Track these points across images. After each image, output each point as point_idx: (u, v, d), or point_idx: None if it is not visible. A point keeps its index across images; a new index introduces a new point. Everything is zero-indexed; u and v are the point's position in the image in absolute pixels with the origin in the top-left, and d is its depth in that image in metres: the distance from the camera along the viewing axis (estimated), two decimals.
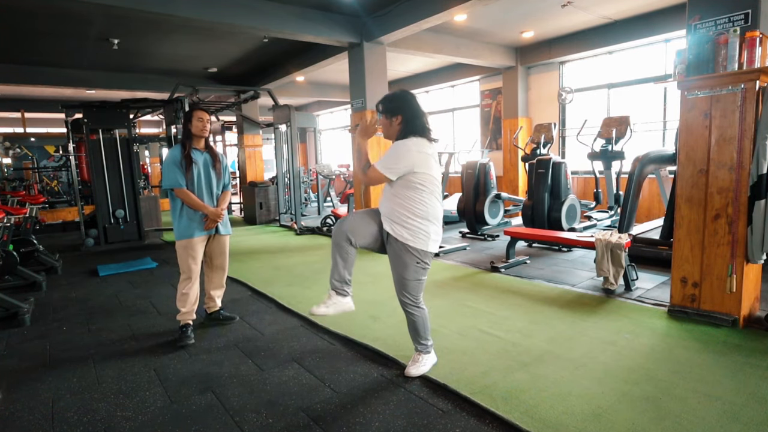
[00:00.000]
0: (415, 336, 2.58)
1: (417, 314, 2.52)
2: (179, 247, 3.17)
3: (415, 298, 2.50)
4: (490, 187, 6.63)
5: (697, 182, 3.15)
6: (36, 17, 5.80)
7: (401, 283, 2.47)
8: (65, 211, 10.07)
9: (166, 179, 3.10)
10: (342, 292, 2.49)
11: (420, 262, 2.43)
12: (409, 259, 2.41)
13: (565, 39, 7.83)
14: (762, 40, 2.89)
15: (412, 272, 2.43)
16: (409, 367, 2.58)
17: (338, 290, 2.49)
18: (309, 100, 14.10)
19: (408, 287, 2.46)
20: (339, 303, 2.49)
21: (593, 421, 2.07)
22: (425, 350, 2.61)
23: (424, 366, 2.59)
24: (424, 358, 2.60)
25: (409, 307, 2.51)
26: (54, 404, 2.44)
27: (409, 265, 2.42)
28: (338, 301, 2.49)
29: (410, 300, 2.49)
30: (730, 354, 2.68)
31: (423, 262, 2.45)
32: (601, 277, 3.92)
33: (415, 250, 2.40)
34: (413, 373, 2.55)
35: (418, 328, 2.55)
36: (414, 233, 2.39)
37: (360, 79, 6.45)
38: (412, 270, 2.43)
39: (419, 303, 2.52)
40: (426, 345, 2.61)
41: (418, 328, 2.55)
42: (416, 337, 2.58)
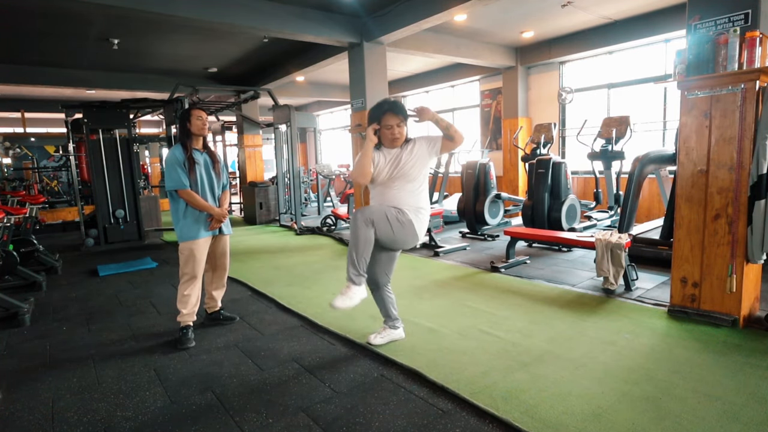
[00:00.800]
0: (393, 313, 2.99)
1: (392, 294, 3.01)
2: (184, 249, 3.16)
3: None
4: (490, 187, 6.63)
5: (697, 182, 3.15)
6: (36, 17, 5.81)
7: (392, 265, 2.93)
8: (65, 211, 10.07)
9: (170, 180, 3.08)
10: (357, 281, 2.66)
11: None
12: (413, 240, 2.76)
13: (565, 39, 7.83)
14: (762, 40, 2.89)
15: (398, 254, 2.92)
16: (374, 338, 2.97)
17: (354, 280, 2.64)
18: (309, 100, 14.10)
19: (393, 269, 2.95)
20: (357, 292, 2.65)
21: (593, 421, 2.07)
22: (394, 326, 3.00)
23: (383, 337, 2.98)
24: (390, 333, 3.00)
25: (390, 287, 2.97)
26: (54, 404, 2.44)
27: (409, 244, 2.78)
28: (356, 291, 2.65)
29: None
30: (730, 354, 2.68)
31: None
32: (601, 277, 3.92)
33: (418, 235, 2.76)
34: (375, 342, 2.93)
35: (396, 306, 3.01)
36: (423, 220, 2.76)
37: (360, 79, 6.45)
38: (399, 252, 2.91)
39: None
40: (397, 320, 3.02)
41: (396, 305, 3.01)
42: (393, 314, 2.99)
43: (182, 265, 3.19)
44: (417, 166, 2.67)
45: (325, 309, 3.72)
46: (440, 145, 2.68)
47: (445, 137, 2.66)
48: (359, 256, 2.61)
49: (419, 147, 2.69)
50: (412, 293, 4.04)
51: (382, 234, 2.63)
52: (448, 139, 2.65)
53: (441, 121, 2.62)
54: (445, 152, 2.78)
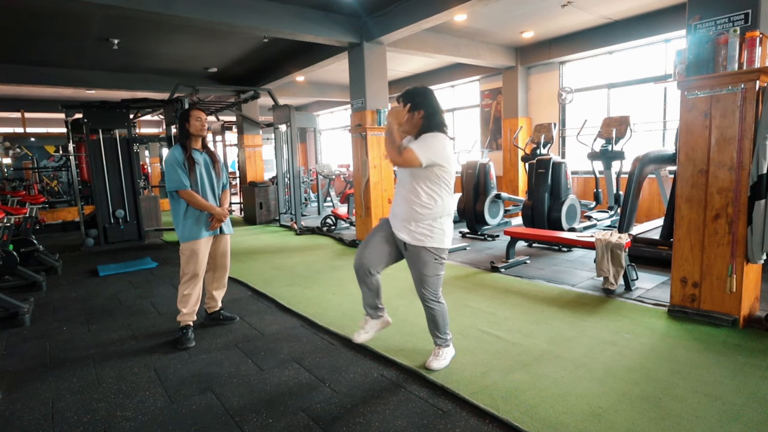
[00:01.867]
0: (435, 329, 2.68)
1: (437, 308, 2.62)
2: (186, 249, 3.16)
3: (435, 293, 2.59)
4: (490, 187, 6.63)
5: (697, 182, 3.15)
6: (36, 17, 5.80)
7: (421, 279, 2.56)
8: (65, 211, 10.07)
9: (170, 181, 3.08)
10: (375, 315, 2.73)
11: (437, 258, 2.53)
12: (428, 256, 2.51)
13: (565, 39, 7.83)
14: (762, 40, 2.89)
15: (431, 269, 2.53)
16: (431, 361, 2.65)
17: (372, 316, 2.72)
18: (309, 100, 14.09)
19: (428, 283, 2.56)
20: (375, 324, 2.74)
21: (593, 421, 2.07)
22: (444, 344, 2.70)
23: (444, 360, 2.66)
24: (443, 352, 2.69)
25: (430, 302, 2.60)
26: (54, 404, 2.44)
27: (428, 262, 2.52)
28: (374, 324, 2.73)
29: (430, 295, 2.58)
30: (730, 354, 2.68)
31: (440, 258, 2.55)
32: (601, 277, 3.92)
33: (433, 248, 2.50)
34: (435, 367, 2.61)
35: (438, 322, 2.64)
36: (431, 232, 2.48)
37: (360, 79, 6.44)
38: (431, 267, 2.53)
39: (439, 297, 2.62)
40: (445, 339, 2.70)
41: (437, 321, 2.64)
42: (435, 331, 2.68)
43: (183, 264, 3.19)
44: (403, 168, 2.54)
45: (325, 309, 3.72)
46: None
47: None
48: (372, 299, 2.69)
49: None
50: (412, 293, 4.02)
51: (385, 258, 2.63)
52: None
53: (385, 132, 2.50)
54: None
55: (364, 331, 2.72)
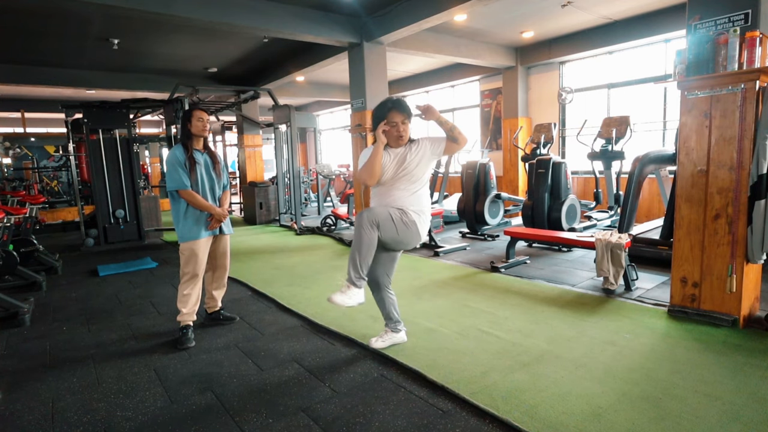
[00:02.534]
0: (395, 315, 2.95)
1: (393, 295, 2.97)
2: (185, 249, 3.16)
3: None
4: (490, 187, 6.63)
5: (697, 182, 3.15)
6: (36, 17, 5.80)
7: (394, 266, 2.90)
8: (65, 211, 10.08)
9: (171, 180, 3.08)
10: (357, 284, 2.62)
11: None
12: (416, 241, 2.75)
13: (565, 39, 7.83)
14: (762, 40, 2.89)
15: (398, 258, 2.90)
16: (375, 340, 2.93)
17: (355, 282, 2.61)
18: (309, 100, 14.10)
19: (394, 269, 2.92)
20: (355, 294, 2.62)
21: (593, 421, 2.07)
22: (396, 329, 2.97)
23: (386, 342, 2.93)
24: (392, 336, 2.96)
25: (391, 288, 2.94)
26: (54, 404, 2.44)
27: (412, 244, 2.77)
28: (355, 293, 2.62)
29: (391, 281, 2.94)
30: (730, 354, 2.68)
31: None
32: (601, 277, 3.92)
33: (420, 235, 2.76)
34: (378, 346, 2.88)
35: (397, 308, 2.98)
36: (425, 221, 2.75)
37: (360, 79, 6.45)
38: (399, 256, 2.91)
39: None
40: (399, 323, 2.99)
41: (397, 307, 2.97)
42: (394, 316, 2.95)
43: (183, 264, 3.19)
44: (420, 166, 2.66)
45: (326, 309, 3.72)
46: (444, 146, 2.65)
47: (449, 139, 2.63)
48: (362, 259, 2.57)
49: (423, 147, 2.66)
50: (412, 293, 4.04)
51: (386, 235, 2.61)
52: (452, 140, 2.63)
53: (446, 123, 2.60)
54: (448, 154, 2.76)
55: (345, 296, 2.63)
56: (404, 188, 2.67)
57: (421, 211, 2.70)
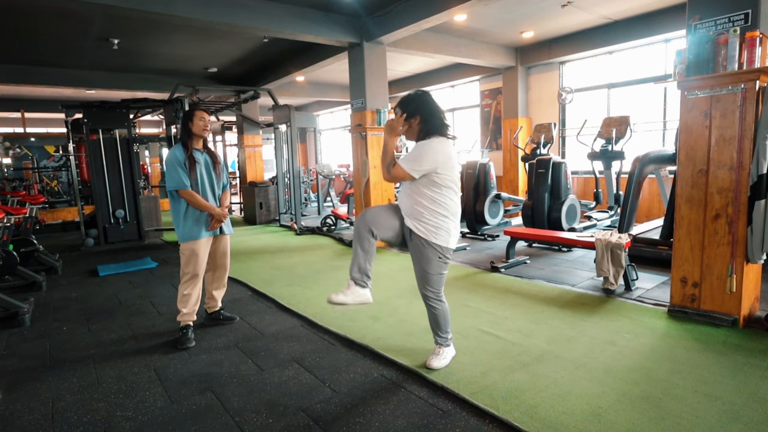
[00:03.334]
0: (436, 328, 2.67)
1: (439, 307, 2.61)
2: (185, 249, 3.16)
3: (437, 292, 2.58)
4: (490, 187, 6.63)
5: (697, 182, 3.15)
6: (36, 17, 5.80)
7: (424, 277, 2.55)
8: (65, 211, 10.07)
9: (170, 180, 3.09)
10: (361, 283, 2.53)
11: (441, 257, 2.52)
12: (432, 254, 2.49)
13: (565, 39, 7.83)
14: (762, 40, 2.89)
15: (435, 267, 2.52)
16: (431, 360, 2.64)
17: (357, 281, 2.53)
18: (309, 100, 14.09)
19: (431, 281, 2.55)
20: (357, 293, 2.53)
21: (593, 421, 2.07)
22: (445, 343, 2.70)
23: (444, 359, 2.66)
24: (444, 351, 2.69)
25: (431, 301, 2.59)
26: (54, 404, 2.44)
27: (431, 259, 2.50)
28: (356, 292, 2.52)
29: (432, 293, 2.57)
30: (730, 354, 2.68)
31: (444, 257, 2.54)
32: (601, 277, 3.92)
33: (437, 246, 2.49)
34: (435, 366, 2.60)
35: (440, 321, 2.64)
36: (436, 230, 2.47)
37: (360, 79, 6.44)
38: (434, 265, 2.52)
39: (441, 296, 2.61)
40: (446, 338, 2.69)
41: (439, 321, 2.63)
42: (437, 330, 2.67)
43: (183, 264, 3.19)
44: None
45: (325, 309, 3.72)
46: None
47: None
48: (363, 263, 2.51)
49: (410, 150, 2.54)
50: (412, 293, 4.04)
51: (386, 235, 2.55)
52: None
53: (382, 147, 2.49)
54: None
55: (344, 294, 2.51)
56: (410, 185, 2.54)
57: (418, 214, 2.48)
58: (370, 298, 2.58)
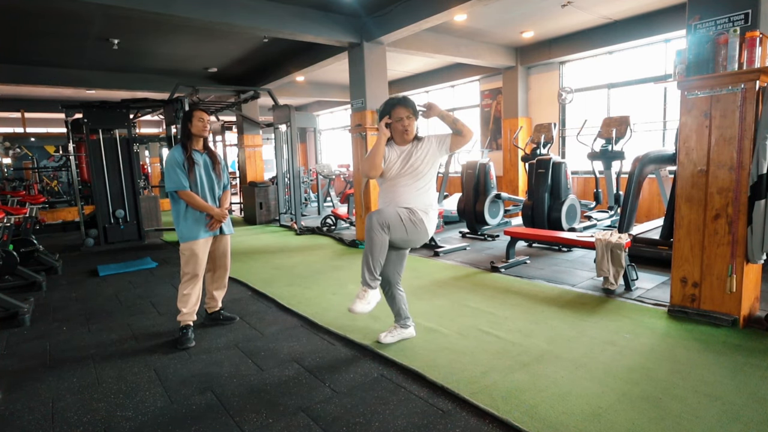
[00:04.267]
0: (403, 312, 2.99)
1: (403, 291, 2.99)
2: (185, 249, 3.16)
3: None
4: (490, 187, 6.63)
5: (697, 182, 3.15)
6: (36, 17, 5.80)
7: (403, 263, 2.91)
8: (65, 211, 10.07)
9: (169, 181, 3.09)
10: (373, 284, 2.66)
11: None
12: (424, 238, 2.76)
13: (565, 39, 7.83)
14: (762, 40, 2.89)
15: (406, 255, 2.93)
16: (385, 336, 2.98)
17: (371, 285, 2.65)
18: (309, 100, 14.09)
19: (404, 266, 2.94)
20: (374, 296, 2.67)
21: (593, 421, 2.07)
22: (405, 324, 3.01)
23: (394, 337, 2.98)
24: (401, 332, 3.00)
25: (401, 286, 2.96)
26: (54, 404, 2.44)
27: (420, 242, 2.78)
28: (373, 295, 2.66)
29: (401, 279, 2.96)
30: (730, 354, 2.68)
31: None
32: (601, 277, 3.92)
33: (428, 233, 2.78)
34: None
35: (406, 304, 3.00)
36: (433, 218, 2.77)
37: (360, 79, 6.44)
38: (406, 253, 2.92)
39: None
40: (409, 319, 3.03)
41: (406, 303, 3.00)
42: (403, 313, 2.99)
43: (183, 264, 3.19)
44: (426, 163, 2.69)
45: (325, 309, 3.72)
46: (450, 141, 2.70)
47: (454, 133, 2.68)
48: (375, 260, 2.61)
49: (429, 144, 2.71)
50: (412, 293, 4.04)
51: (396, 236, 2.64)
52: (457, 134, 2.68)
53: (447, 117, 2.65)
54: (456, 148, 2.74)
55: (361, 302, 2.61)
56: (410, 185, 2.69)
57: (427, 209, 2.72)
58: (380, 295, 2.77)
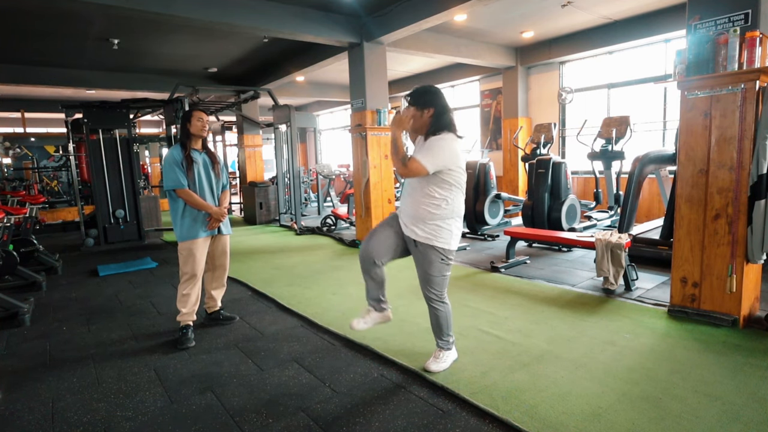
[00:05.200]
0: (438, 331, 2.63)
1: (441, 309, 2.58)
2: (183, 249, 3.17)
3: (439, 293, 2.56)
4: (490, 187, 6.63)
5: (697, 182, 3.15)
6: (36, 17, 5.80)
7: (426, 279, 2.54)
8: (65, 211, 10.07)
9: (168, 180, 3.09)
10: (379, 308, 2.66)
11: (444, 259, 2.50)
12: (434, 256, 2.48)
13: (565, 39, 7.83)
14: (762, 40, 2.89)
15: (437, 269, 2.50)
16: (430, 363, 2.61)
17: (375, 308, 2.66)
18: (309, 100, 14.09)
19: (433, 283, 2.53)
20: (376, 318, 2.66)
21: (593, 421, 2.07)
22: (446, 346, 2.66)
23: (444, 362, 2.63)
24: (444, 355, 2.65)
25: (434, 302, 2.57)
26: (54, 404, 2.44)
27: (433, 262, 2.49)
28: (375, 316, 2.66)
29: (435, 295, 2.55)
30: (730, 354, 2.68)
31: (447, 259, 2.52)
32: (601, 277, 3.92)
33: (440, 249, 2.47)
34: (434, 369, 2.57)
35: (441, 324, 2.60)
36: (439, 232, 2.46)
37: (360, 79, 6.44)
38: (436, 267, 2.50)
39: (443, 298, 2.58)
40: (448, 341, 2.66)
41: (441, 323, 2.60)
42: (439, 333, 2.64)
43: (182, 264, 3.19)
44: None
45: (325, 309, 3.72)
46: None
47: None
48: (375, 292, 2.63)
49: (423, 145, 2.47)
50: (412, 293, 4.04)
51: (393, 250, 2.59)
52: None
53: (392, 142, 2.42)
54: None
55: (364, 321, 2.64)
56: (415, 185, 2.50)
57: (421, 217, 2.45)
58: (390, 316, 2.73)
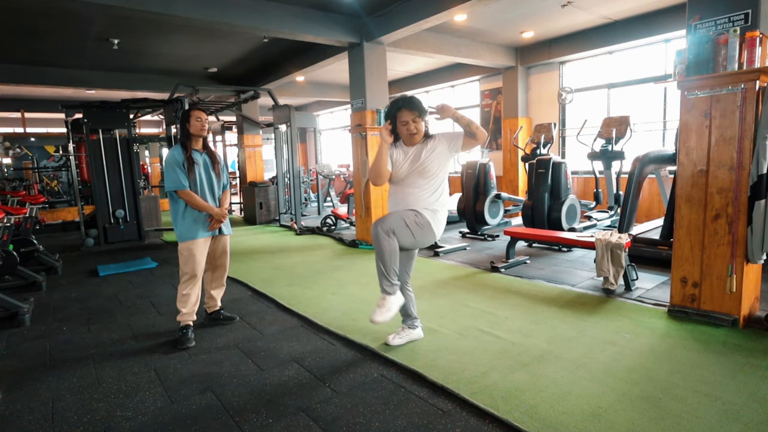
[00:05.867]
0: (413, 312, 2.99)
1: (412, 292, 2.99)
2: (183, 249, 3.17)
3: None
4: (490, 187, 6.63)
5: (697, 182, 3.15)
6: (36, 17, 5.80)
7: (412, 263, 2.93)
8: (65, 211, 10.07)
9: (169, 181, 3.09)
10: (391, 291, 2.66)
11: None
12: (432, 239, 2.77)
13: (565, 39, 7.83)
14: (762, 40, 2.89)
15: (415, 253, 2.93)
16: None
17: (388, 291, 2.65)
18: (309, 100, 14.09)
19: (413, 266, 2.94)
20: (393, 302, 2.66)
21: (593, 421, 2.07)
22: (413, 325, 3.01)
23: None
24: (409, 333, 3.00)
25: (410, 286, 2.96)
26: (54, 404, 2.44)
27: (428, 243, 2.81)
28: (392, 301, 2.65)
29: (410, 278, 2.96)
30: (730, 354, 2.68)
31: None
32: (601, 277, 3.92)
33: (435, 234, 2.77)
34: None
35: (415, 304, 3.00)
36: (441, 220, 2.76)
37: (360, 79, 6.44)
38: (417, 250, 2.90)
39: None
40: (416, 320, 3.03)
41: (415, 304, 3.00)
42: (412, 313, 2.99)
43: (182, 264, 3.19)
44: (436, 163, 2.66)
45: (325, 309, 3.72)
46: (461, 142, 2.65)
47: (467, 134, 2.62)
48: (388, 267, 2.60)
49: (440, 144, 2.67)
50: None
51: (403, 240, 2.63)
52: (470, 136, 2.62)
53: (462, 119, 2.59)
54: (467, 149, 2.71)
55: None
56: (420, 185, 2.67)
57: (435, 211, 2.70)
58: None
